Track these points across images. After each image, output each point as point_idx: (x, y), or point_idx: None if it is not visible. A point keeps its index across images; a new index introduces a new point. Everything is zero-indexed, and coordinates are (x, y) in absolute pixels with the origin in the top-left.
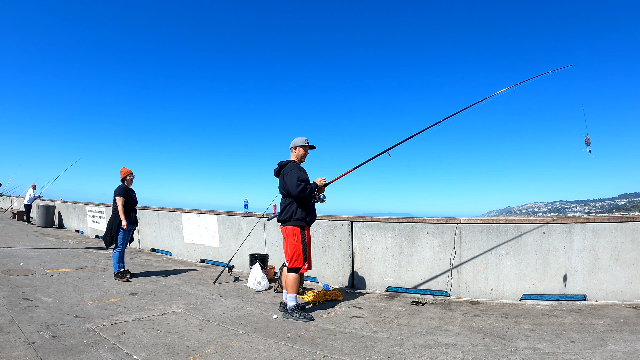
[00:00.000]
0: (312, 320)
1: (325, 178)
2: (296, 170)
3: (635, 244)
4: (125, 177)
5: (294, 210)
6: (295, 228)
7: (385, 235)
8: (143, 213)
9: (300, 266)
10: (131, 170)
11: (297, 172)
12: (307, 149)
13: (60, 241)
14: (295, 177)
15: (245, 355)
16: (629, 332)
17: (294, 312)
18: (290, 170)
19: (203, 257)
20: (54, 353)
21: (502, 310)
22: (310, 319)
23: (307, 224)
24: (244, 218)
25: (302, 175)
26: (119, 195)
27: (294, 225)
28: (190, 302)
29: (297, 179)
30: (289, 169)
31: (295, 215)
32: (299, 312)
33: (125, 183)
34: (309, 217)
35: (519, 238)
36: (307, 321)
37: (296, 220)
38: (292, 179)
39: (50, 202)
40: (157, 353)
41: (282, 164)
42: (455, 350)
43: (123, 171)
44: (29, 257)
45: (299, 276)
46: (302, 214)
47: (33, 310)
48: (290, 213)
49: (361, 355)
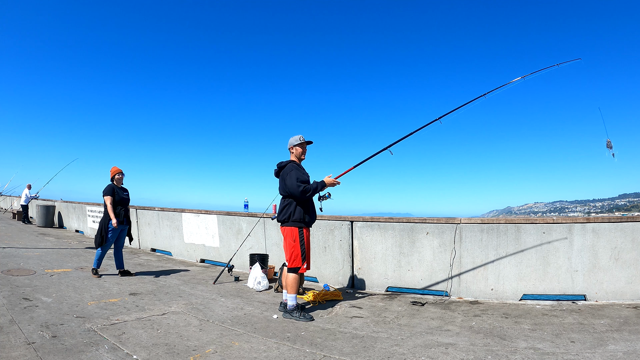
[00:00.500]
0: (312, 320)
1: (330, 175)
2: (295, 171)
3: (635, 244)
4: (114, 176)
5: (292, 210)
6: (294, 228)
7: (385, 235)
8: (143, 213)
9: (299, 266)
10: (121, 169)
11: (297, 173)
12: (305, 146)
13: (60, 241)
14: (294, 179)
15: (245, 355)
16: (629, 332)
17: (294, 312)
18: (289, 171)
19: (203, 257)
20: (54, 353)
21: (502, 310)
22: (310, 319)
23: (305, 224)
24: (244, 218)
25: (301, 176)
26: (106, 195)
27: (292, 226)
28: (190, 302)
29: (297, 180)
30: (288, 170)
31: (293, 215)
32: (298, 312)
33: (115, 182)
34: (308, 217)
35: (519, 238)
36: (307, 321)
37: (294, 221)
38: (292, 180)
39: (50, 202)
40: (157, 353)
41: (281, 164)
42: (455, 350)
43: (112, 170)
44: (29, 257)
45: (298, 276)
46: (300, 214)
47: (33, 310)
48: (288, 213)
49: (361, 355)
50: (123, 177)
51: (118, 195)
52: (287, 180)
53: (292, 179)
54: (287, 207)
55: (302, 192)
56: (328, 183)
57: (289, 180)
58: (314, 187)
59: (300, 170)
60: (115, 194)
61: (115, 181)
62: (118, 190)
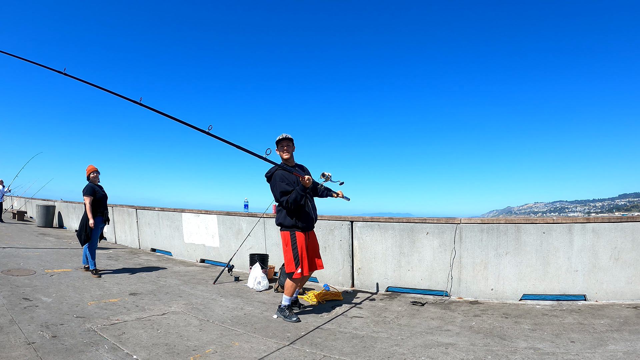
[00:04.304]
0: (298, 322)
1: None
2: (279, 182)
3: (635, 244)
4: (90, 174)
5: (283, 215)
6: (285, 232)
7: (385, 235)
8: (143, 213)
9: (293, 271)
10: (96, 168)
11: (280, 186)
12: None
13: (60, 241)
14: (278, 194)
15: (245, 355)
16: (629, 332)
17: (284, 310)
18: (273, 185)
19: (203, 257)
20: (54, 353)
21: (502, 310)
22: (296, 320)
23: (299, 229)
24: (244, 218)
25: (284, 188)
26: (86, 195)
27: (285, 230)
28: (190, 302)
29: (280, 195)
30: (273, 182)
31: (285, 220)
32: (286, 312)
33: (91, 180)
34: (300, 222)
35: (519, 238)
36: (293, 322)
37: (286, 227)
38: (276, 195)
39: (50, 202)
40: (157, 353)
41: (268, 174)
42: (455, 350)
43: (88, 169)
44: (29, 257)
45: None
46: (291, 220)
47: (33, 310)
48: (281, 219)
49: (361, 355)
50: (99, 175)
51: (98, 194)
52: (273, 193)
53: (277, 193)
54: (279, 212)
55: (286, 207)
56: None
57: (275, 192)
58: (294, 197)
59: (284, 180)
60: (96, 193)
61: (91, 180)
62: (97, 189)
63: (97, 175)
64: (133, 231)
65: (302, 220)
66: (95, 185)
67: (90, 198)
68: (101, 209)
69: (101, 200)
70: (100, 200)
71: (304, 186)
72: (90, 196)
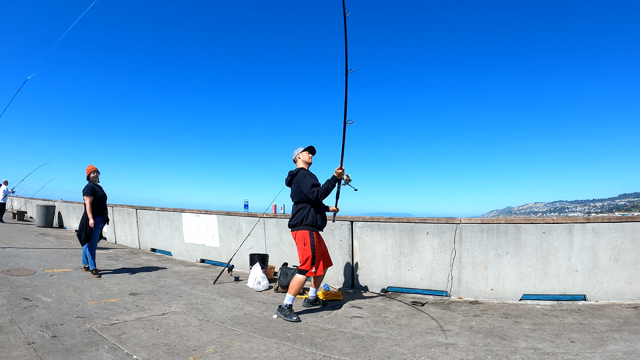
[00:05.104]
0: (298, 322)
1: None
2: (308, 177)
3: (635, 244)
4: (90, 174)
5: (305, 214)
6: (305, 232)
7: (385, 235)
8: (143, 213)
9: (307, 269)
10: (96, 168)
11: (310, 179)
12: (311, 150)
13: (60, 241)
14: (309, 185)
15: (245, 355)
16: (629, 332)
17: (284, 310)
18: (302, 178)
19: (203, 257)
20: (54, 353)
21: (502, 310)
22: (296, 320)
23: (317, 228)
24: (244, 218)
25: (315, 181)
26: (85, 195)
27: (304, 229)
28: (190, 302)
29: (311, 186)
30: (301, 177)
31: (306, 219)
32: (287, 311)
33: (91, 180)
34: (320, 220)
35: (519, 238)
36: (294, 322)
37: (306, 225)
38: (306, 187)
39: (50, 202)
40: (157, 353)
41: (293, 172)
42: (455, 350)
43: (88, 169)
44: (29, 257)
45: (304, 280)
46: (313, 218)
47: (33, 310)
48: (301, 218)
49: (361, 355)
50: (99, 174)
51: (98, 194)
52: (302, 188)
53: (307, 185)
54: (300, 211)
55: (316, 196)
56: (336, 174)
57: (304, 187)
58: (326, 187)
59: (312, 176)
60: (96, 193)
61: (91, 180)
62: (97, 189)
63: (97, 175)
64: (133, 231)
65: (322, 219)
66: (95, 185)
67: (90, 198)
68: (101, 209)
69: (101, 200)
70: (100, 200)
71: (336, 177)
72: (90, 196)
